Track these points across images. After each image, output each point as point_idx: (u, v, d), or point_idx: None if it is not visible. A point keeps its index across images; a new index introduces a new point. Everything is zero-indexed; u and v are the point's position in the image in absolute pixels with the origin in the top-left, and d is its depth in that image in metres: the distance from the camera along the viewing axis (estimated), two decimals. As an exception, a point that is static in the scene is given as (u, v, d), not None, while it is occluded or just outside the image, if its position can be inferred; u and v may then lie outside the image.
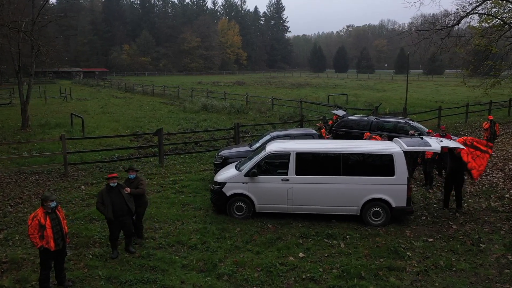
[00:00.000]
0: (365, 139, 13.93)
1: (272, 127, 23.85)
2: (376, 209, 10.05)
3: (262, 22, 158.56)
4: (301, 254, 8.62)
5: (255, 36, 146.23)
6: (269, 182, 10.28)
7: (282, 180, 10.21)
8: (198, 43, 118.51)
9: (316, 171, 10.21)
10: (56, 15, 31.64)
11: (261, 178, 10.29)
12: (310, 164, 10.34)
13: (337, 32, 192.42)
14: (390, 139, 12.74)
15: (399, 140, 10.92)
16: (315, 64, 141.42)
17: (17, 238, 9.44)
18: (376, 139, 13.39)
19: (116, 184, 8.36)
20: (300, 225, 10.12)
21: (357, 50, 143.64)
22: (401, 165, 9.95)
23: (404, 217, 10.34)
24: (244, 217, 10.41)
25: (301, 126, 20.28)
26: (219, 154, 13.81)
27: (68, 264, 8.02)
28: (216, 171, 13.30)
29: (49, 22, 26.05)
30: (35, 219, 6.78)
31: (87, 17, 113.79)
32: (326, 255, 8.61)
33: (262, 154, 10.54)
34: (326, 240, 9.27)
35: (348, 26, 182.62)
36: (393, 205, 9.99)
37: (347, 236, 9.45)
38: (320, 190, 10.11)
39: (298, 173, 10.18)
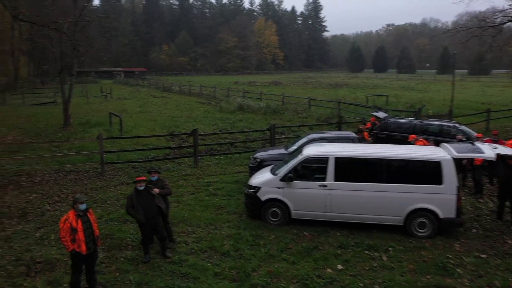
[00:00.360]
0: (410, 142, 13.18)
1: (308, 128, 23.29)
2: (422, 219, 9.35)
3: (299, 22, 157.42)
4: (339, 266, 8.10)
5: (292, 36, 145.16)
6: (306, 188, 9.80)
7: (319, 186, 9.70)
8: (235, 43, 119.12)
9: (357, 178, 9.63)
10: (97, 16, 32.41)
11: (297, 183, 9.83)
12: (350, 169, 9.77)
13: (376, 31, 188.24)
14: (436, 143, 11.93)
15: (447, 145, 10.13)
16: (353, 64, 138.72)
17: (52, 237, 9.45)
18: (422, 143, 12.60)
19: (143, 187, 8.17)
20: (338, 234, 9.58)
21: (397, 50, 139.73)
22: (450, 173, 9.19)
23: (452, 230, 9.56)
24: (279, 224, 9.98)
25: (339, 128, 19.59)
26: (254, 156, 13.46)
27: (99, 267, 7.90)
28: (251, 174, 12.97)
29: (90, 23, 26.64)
30: (66, 222, 6.66)
31: (128, 18, 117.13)
32: (366, 268, 8.04)
33: (299, 158, 10.08)
34: (366, 252, 8.69)
35: (388, 25, 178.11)
36: (441, 216, 9.25)
37: (390, 248, 8.82)
38: (360, 198, 9.53)
39: (337, 179, 9.64)
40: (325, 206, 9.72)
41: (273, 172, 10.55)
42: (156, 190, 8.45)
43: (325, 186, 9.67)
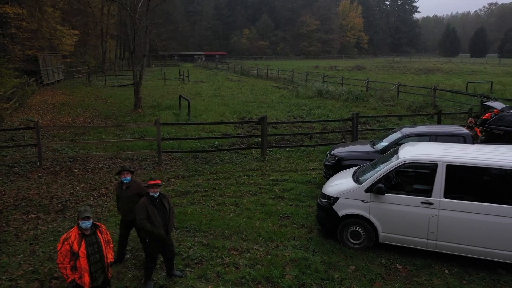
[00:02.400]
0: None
1: (397, 119, 20.02)
2: None
3: (387, 3, 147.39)
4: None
5: (379, 18, 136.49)
6: (402, 204, 7.13)
7: (422, 202, 6.99)
8: (317, 26, 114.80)
9: (477, 195, 6.76)
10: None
11: (390, 196, 7.20)
12: (468, 183, 6.92)
13: (475, 11, 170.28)
14: None
15: None
16: (446, 47, 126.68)
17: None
18: None
19: (158, 194, 6.19)
20: (446, 271, 6.83)
21: (500, 32, 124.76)
22: None
23: None
24: (361, 248, 7.47)
25: (439, 121, 16.14)
26: (332, 153, 10.90)
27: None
28: (327, 174, 10.53)
29: (157, 5, 25.90)
30: (65, 243, 4.88)
31: (211, 2, 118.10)
32: None
33: (394, 162, 7.40)
34: (493, 308, 5.91)
35: (490, 4, 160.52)
36: None
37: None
38: (482, 224, 6.66)
39: (448, 194, 6.86)
40: (429, 231, 6.99)
41: (356, 178, 8.00)
42: None
43: (430, 203, 6.93)
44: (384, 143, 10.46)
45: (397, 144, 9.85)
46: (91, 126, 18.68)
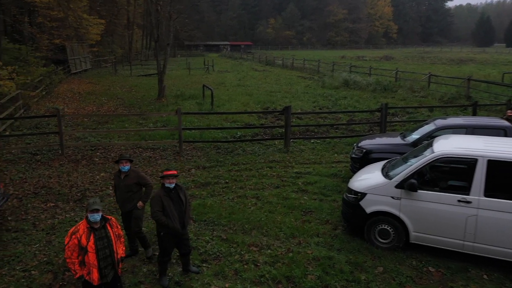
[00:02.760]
0: None
1: (428, 110, 19.10)
2: None
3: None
4: None
5: (409, 7, 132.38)
6: (436, 202, 6.56)
7: (458, 201, 6.40)
8: (344, 15, 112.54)
9: (523, 194, 6.13)
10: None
11: (423, 193, 6.64)
12: (511, 180, 6.29)
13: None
14: None
15: None
16: (480, 37, 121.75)
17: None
18: None
19: (174, 185, 5.83)
20: (485, 276, 6.26)
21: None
22: None
23: None
24: (390, 248, 6.96)
25: (474, 113, 15.23)
26: (359, 145, 10.34)
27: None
28: (353, 168, 10.00)
29: None
30: (73, 237, 4.60)
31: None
32: None
33: (428, 156, 6.81)
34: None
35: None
36: None
37: None
38: (527, 226, 6.04)
39: (488, 192, 6.26)
40: (466, 232, 6.41)
41: (385, 172, 7.45)
42: (140, 204, 6.57)
43: (468, 202, 6.34)
44: (415, 136, 9.81)
45: (430, 136, 9.20)
46: (114, 114, 18.64)
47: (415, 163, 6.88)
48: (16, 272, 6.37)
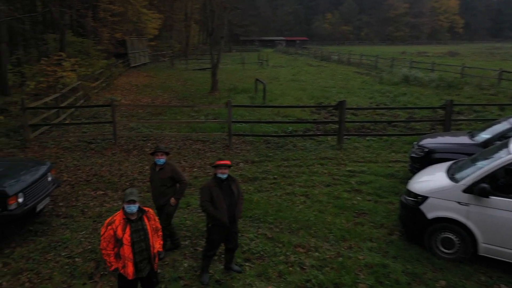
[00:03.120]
0: None
1: (498, 108, 17.52)
2: None
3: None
4: None
5: (477, 0, 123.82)
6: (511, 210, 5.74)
7: (540, 210, 5.54)
8: (405, 9, 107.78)
9: None
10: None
11: (495, 200, 5.83)
12: None
13: None
14: None
15: None
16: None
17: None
18: None
19: (226, 176, 5.48)
20: None
21: None
22: None
23: None
24: (454, 259, 6.21)
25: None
26: (420, 144, 9.50)
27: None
28: (413, 168, 9.20)
29: None
30: (109, 227, 4.40)
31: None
32: None
33: (503, 158, 5.98)
34: None
35: None
36: None
37: None
38: None
39: None
40: (548, 248, 5.54)
41: (450, 174, 6.68)
42: (173, 201, 6.27)
43: (551, 213, 5.47)
44: (486, 135, 8.82)
45: (503, 136, 8.21)
46: (166, 105, 18.87)
47: (486, 165, 6.07)
48: (61, 258, 6.39)
